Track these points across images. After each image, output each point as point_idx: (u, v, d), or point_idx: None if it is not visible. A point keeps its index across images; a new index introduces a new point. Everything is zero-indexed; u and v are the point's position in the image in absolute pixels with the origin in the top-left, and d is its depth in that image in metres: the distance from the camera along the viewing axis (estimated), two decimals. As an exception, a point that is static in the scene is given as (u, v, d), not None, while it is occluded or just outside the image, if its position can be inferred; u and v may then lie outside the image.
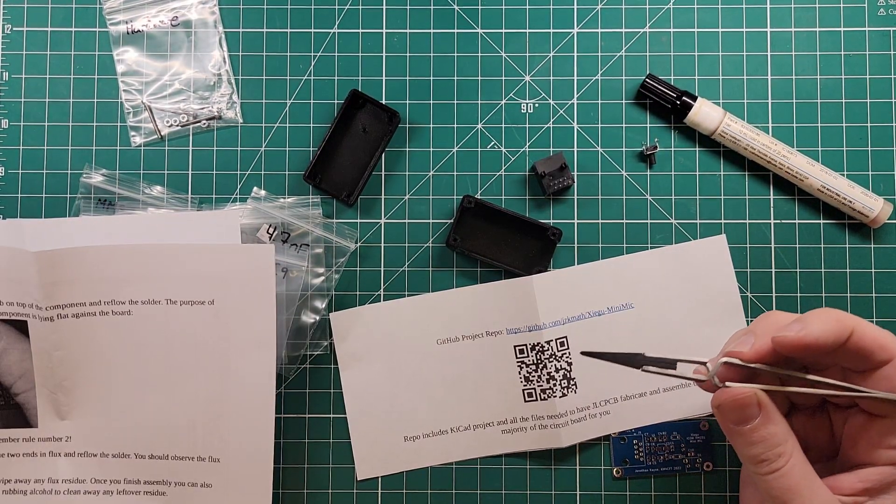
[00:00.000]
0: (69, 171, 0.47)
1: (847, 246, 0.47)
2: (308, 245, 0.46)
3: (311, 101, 0.47)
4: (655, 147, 0.46)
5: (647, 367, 0.37)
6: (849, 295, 0.47)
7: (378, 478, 0.46)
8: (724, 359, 0.36)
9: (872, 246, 0.47)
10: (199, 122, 0.47)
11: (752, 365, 0.36)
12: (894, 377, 0.35)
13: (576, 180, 0.47)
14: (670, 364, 0.37)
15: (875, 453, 0.36)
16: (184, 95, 0.47)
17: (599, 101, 0.47)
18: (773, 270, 0.47)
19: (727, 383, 0.36)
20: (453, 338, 0.46)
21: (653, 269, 0.46)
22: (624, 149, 0.47)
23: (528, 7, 0.48)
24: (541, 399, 0.46)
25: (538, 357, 0.46)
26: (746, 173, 0.47)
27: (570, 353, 0.46)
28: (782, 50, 0.48)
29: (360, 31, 0.48)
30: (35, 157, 0.47)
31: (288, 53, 0.48)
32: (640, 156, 0.46)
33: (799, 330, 0.34)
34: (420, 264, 0.47)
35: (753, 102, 0.47)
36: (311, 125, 0.47)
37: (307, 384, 0.47)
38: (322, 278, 0.46)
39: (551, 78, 0.48)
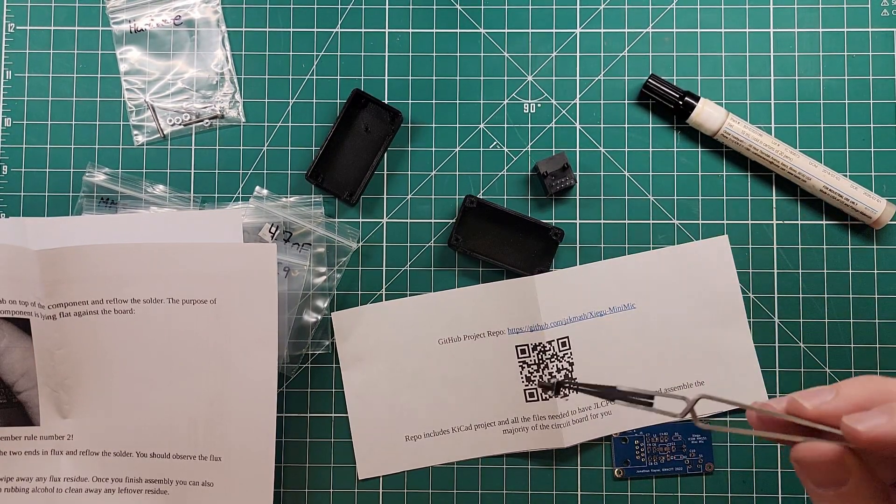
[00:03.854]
0: (72, 170, 0.47)
1: (849, 247, 0.47)
2: (310, 244, 0.46)
3: (314, 101, 0.47)
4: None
5: (619, 400, 0.31)
6: (851, 296, 0.47)
7: (379, 477, 0.46)
8: (750, 404, 0.29)
9: (875, 247, 0.47)
10: (201, 121, 0.47)
11: (785, 416, 0.28)
12: None
13: (578, 180, 0.47)
14: (647, 397, 0.31)
15: None
16: (186, 94, 0.47)
17: (602, 102, 0.47)
18: (776, 271, 0.47)
19: (799, 441, 0.28)
20: (455, 338, 0.46)
21: (655, 269, 0.46)
22: (626, 149, 0.47)
23: (530, 7, 0.48)
24: (542, 399, 0.46)
25: (540, 357, 0.46)
26: (749, 174, 0.47)
27: (571, 354, 0.46)
28: (785, 51, 0.48)
29: (363, 30, 0.48)
30: (38, 156, 0.47)
31: (290, 53, 0.48)
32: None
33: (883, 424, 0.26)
34: (422, 264, 0.47)
35: (756, 103, 0.47)
36: (314, 124, 0.47)
37: (309, 383, 0.47)
38: (324, 278, 0.46)
39: (554, 78, 0.47)
